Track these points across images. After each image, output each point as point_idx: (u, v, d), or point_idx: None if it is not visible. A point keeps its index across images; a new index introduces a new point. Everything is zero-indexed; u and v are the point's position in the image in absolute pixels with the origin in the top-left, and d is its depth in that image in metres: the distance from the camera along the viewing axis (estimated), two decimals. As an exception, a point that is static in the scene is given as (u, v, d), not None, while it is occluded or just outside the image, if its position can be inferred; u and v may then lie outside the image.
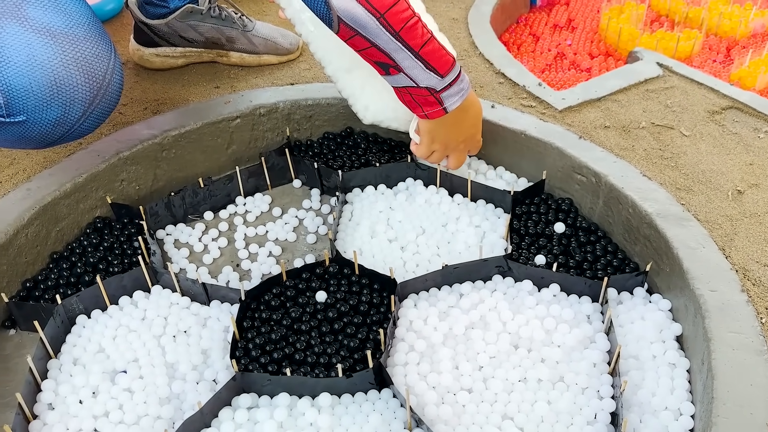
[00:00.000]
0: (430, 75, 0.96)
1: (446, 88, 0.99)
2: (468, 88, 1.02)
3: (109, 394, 0.92)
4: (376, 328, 0.98)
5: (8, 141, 0.93)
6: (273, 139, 1.36)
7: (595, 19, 1.85)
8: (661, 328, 0.96)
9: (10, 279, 1.05)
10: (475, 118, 1.11)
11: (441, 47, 0.95)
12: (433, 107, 1.01)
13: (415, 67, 0.95)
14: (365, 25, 0.89)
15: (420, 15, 0.93)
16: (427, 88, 0.97)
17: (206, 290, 1.04)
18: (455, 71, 0.99)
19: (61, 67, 0.85)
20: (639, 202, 1.04)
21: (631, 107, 1.26)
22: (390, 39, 0.91)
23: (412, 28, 0.91)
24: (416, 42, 0.92)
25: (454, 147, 1.12)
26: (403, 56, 0.93)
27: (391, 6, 0.89)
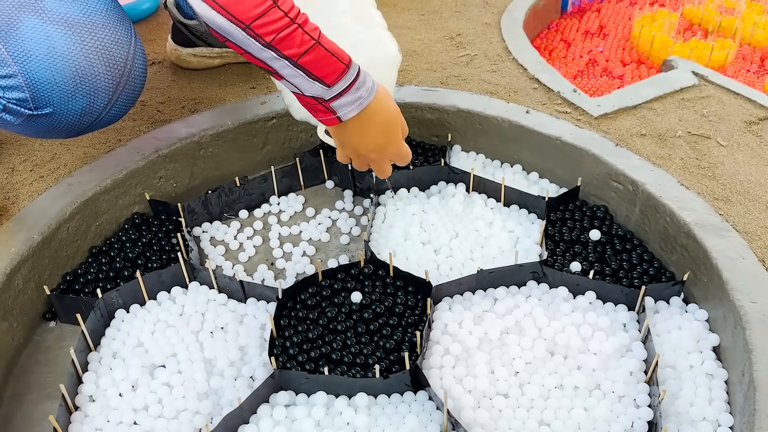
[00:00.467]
0: (314, 84, 0.87)
1: (336, 98, 0.89)
2: (369, 96, 0.91)
3: (148, 388, 0.93)
4: (412, 330, 0.98)
5: (40, 132, 0.94)
6: (307, 140, 1.37)
7: (626, 27, 1.85)
8: (698, 338, 0.96)
9: (51, 272, 1.07)
10: (385, 127, 0.97)
11: (327, 55, 0.85)
12: (325, 114, 0.91)
13: (296, 76, 0.86)
14: (231, 34, 0.82)
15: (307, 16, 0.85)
16: (312, 97, 0.88)
17: (243, 288, 1.05)
18: (347, 80, 0.88)
19: (81, 57, 0.86)
20: (677, 212, 1.03)
21: (666, 116, 1.26)
22: (261, 48, 0.83)
23: (287, 38, 0.82)
24: (293, 52, 0.83)
25: (365, 156, 1.00)
26: (281, 65, 0.85)
27: (258, 17, 0.80)
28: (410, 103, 1.33)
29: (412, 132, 1.36)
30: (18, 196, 1.12)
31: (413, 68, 1.44)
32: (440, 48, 1.53)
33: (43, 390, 0.97)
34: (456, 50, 1.52)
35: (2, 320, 0.97)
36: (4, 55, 0.83)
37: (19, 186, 1.14)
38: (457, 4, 1.74)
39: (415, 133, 1.36)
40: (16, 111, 0.87)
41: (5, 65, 0.84)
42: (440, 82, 1.39)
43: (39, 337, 1.04)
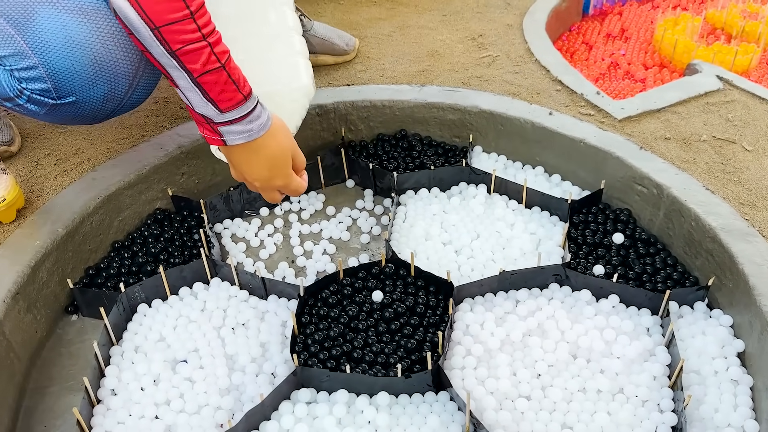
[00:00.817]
0: (207, 105, 0.84)
1: (225, 124, 0.86)
2: (260, 131, 0.88)
3: (170, 382, 0.93)
4: (433, 330, 0.98)
5: (65, 120, 0.95)
6: (327, 139, 1.37)
7: (648, 30, 1.84)
8: (723, 344, 0.95)
9: (75, 266, 1.08)
10: (271, 162, 0.92)
11: (228, 81, 0.83)
12: (209, 133, 0.89)
13: (191, 90, 0.83)
14: (138, 30, 0.79)
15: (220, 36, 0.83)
16: (202, 115, 0.86)
17: (265, 284, 1.05)
18: (241, 110, 0.86)
19: (99, 44, 0.86)
20: (702, 216, 1.02)
21: (691, 119, 1.25)
22: (164, 53, 0.80)
23: (194, 52, 0.80)
24: (195, 67, 0.81)
25: (251, 183, 0.96)
26: (179, 75, 0.82)
27: (172, 22, 0.78)
28: (432, 103, 1.33)
29: (433, 132, 1.36)
30: (42, 189, 1.12)
31: (435, 68, 1.44)
32: (462, 49, 1.53)
33: (65, 382, 0.97)
34: (478, 51, 1.51)
35: (27, 312, 0.98)
36: (23, 47, 0.84)
37: (44, 180, 1.15)
38: (479, 5, 1.73)
39: (437, 133, 1.36)
40: (40, 101, 0.88)
41: (26, 57, 0.84)
42: (462, 83, 1.39)
43: (61, 330, 1.05)
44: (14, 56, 0.85)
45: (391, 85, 1.38)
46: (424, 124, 1.36)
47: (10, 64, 0.85)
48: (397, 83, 1.40)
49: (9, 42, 0.84)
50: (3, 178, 1.03)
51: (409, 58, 1.49)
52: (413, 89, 1.37)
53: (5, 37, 0.83)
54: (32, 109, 0.90)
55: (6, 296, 0.93)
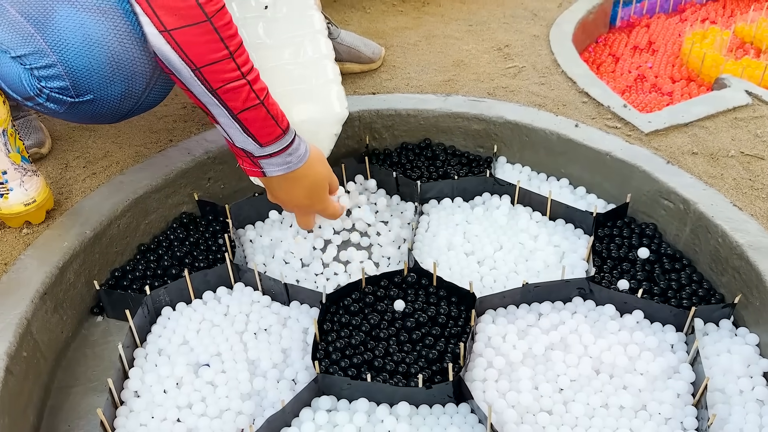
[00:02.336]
0: (247, 139, 0.89)
1: (265, 157, 0.92)
2: (299, 163, 0.94)
3: (192, 386, 0.94)
4: (454, 341, 0.98)
5: (84, 118, 0.96)
6: (352, 147, 1.38)
7: (676, 43, 1.82)
8: (749, 363, 0.93)
9: (101, 268, 1.09)
10: (309, 191, 0.99)
11: (267, 116, 0.88)
12: (249, 165, 0.94)
13: (232, 127, 0.88)
14: (180, 71, 0.83)
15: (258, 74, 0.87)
16: (243, 149, 0.91)
17: (287, 290, 1.06)
18: (280, 144, 0.91)
19: (116, 43, 0.86)
20: (729, 233, 1.01)
21: (719, 135, 1.23)
22: (205, 92, 0.85)
23: (234, 91, 0.85)
24: (235, 105, 0.86)
25: (289, 208, 1.03)
26: (220, 113, 0.87)
27: (212, 63, 0.82)
28: (456, 113, 1.33)
29: (457, 141, 1.36)
30: (71, 191, 1.14)
31: (460, 78, 1.44)
32: (488, 59, 1.53)
33: (89, 383, 0.99)
34: (504, 61, 1.51)
35: (54, 313, 0.99)
36: (42, 46, 0.85)
37: (72, 182, 1.17)
38: (506, 16, 1.73)
39: (461, 143, 1.36)
40: (59, 99, 0.89)
41: (45, 55, 0.86)
42: (487, 93, 1.39)
43: (87, 331, 1.06)
44: (34, 54, 0.86)
45: (417, 94, 1.39)
46: (448, 134, 1.36)
47: (30, 63, 0.86)
48: (423, 92, 1.40)
49: (29, 40, 0.85)
50: (34, 180, 1.04)
51: (434, 68, 1.49)
52: (438, 98, 1.37)
53: (25, 36, 0.85)
54: (52, 107, 0.91)
55: (34, 296, 0.95)
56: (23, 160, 1.02)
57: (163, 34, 0.81)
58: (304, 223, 1.06)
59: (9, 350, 0.87)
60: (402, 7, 1.82)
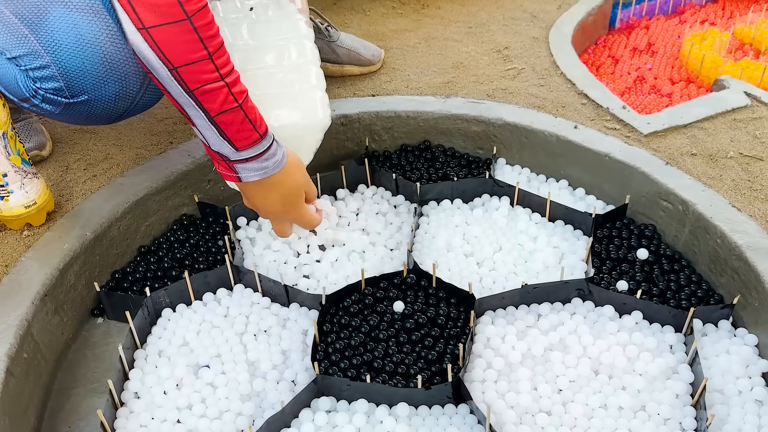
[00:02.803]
0: (223, 143, 0.87)
1: (241, 162, 0.90)
2: (275, 168, 0.92)
3: (192, 387, 0.94)
4: (454, 342, 0.98)
5: (80, 119, 0.96)
6: (351, 149, 1.38)
7: (675, 45, 1.83)
8: (748, 364, 0.94)
9: (101, 269, 1.10)
10: (285, 198, 0.97)
11: (245, 120, 0.86)
12: (225, 170, 0.92)
13: (208, 129, 0.86)
14: (156, 70, 0.81)
15: (238, 76, 0.85)
16: (218, 153, 0.89)
17: (287, 292, 1.06)
18: (257, 149, 0.89)
19: (108, 43, 0.87)
20: (728, 234, 1.02)
21: (718, 136, 1.24)
22: (182, 93, 0.83)
23: (211, 93, 0.83)
24: (212, 107, 0.84)
25: (263, 214, 1.01)
26: (196, 114, 0.85)
27: (190, 63, 0.80)
28: (456, 114, 1.34)
29: (457, 143, 1.36)
30: (72, 193, 1.15)
31: (460, 80, 1.45)
32: (487, 61, 1.53)
33: (89, 384, 0.99)
34: (503, 63, 1.52)
35: (54, 314, 0.99)
36: (36, 47, 0.85)
37: (73, 184, 1.17)
38: (505, 18, 1.74)
39: (460, 144, 1.36)
40: (54, 100, 0.90)
41: (39, 56, 0.86)
42: (487, 95, 1.39)
43: (87, 333, 1.07)
44: (28, 56, 0.86)
45: (416, 96, 1.39)
46: (448, 136, 1.36)
47: (25, 64, 0.87)
48: (422, 94, 1.40)
49: (23, 42, 0.85)
50: (34, 182, 1.05)
51: (434, 70, 1.50)
52: (438, 100, 1.37)
53: (20, 37, 0.85)
54: (47, 108, 0.92)
55: (35, 298, 0.95)
56: (23, 163, 1.02)
57: (141, 31, 0.79)
58: (279, 231, 1.03)
59: (10, 352, 0.87)
60: (401, 10, 1.82)
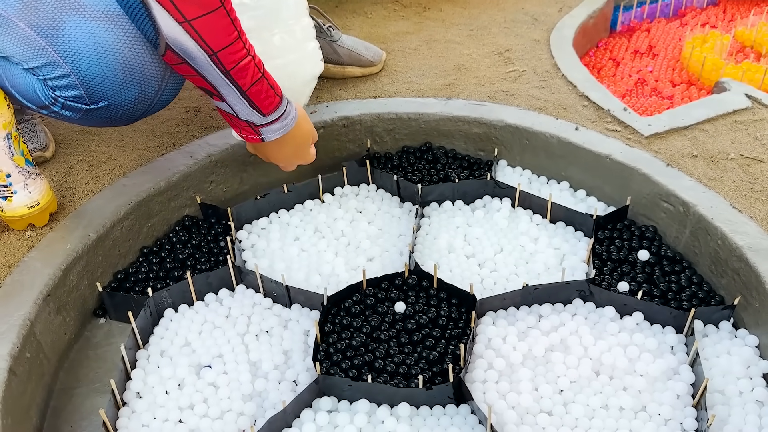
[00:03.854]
0: (252, 112, 0.96)
1: (267, 125, 0.99)
2: (292, 123, 1.02)
3: (194, 387, 0.95)
4: (455, 342, 0.98)
5: (99, 123, 0.98)
6: (353, 150, 1.39)
7: (676, 47, 1.83)
8: (749, 364, 0.94)
9: (104, 270, 1.10)
10: (298, 147, 1.09)
11: (268, 88, 0.95)
12: (249, 134, 1.01)
13: (239, 103, 0.94)
14: (195, 58, 0.87)
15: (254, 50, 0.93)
16: (246, 121, 0.97)
17: (289, 292, 1.06)
18: (280, 111, 0.99)
19: (127, 48, 0.88)
20: (729, 235, 1.02)
21: (719, 138, 1.24)
22: (219, 75, 0.90)
23: (244, 69, 0.91)
24: (245, 82, 0.92)
25: (275, 161, 1.11)
26: (229, 91, 0.92)
27: (227, 46, 0.87)
28: (457, 116, 1.34)
29: (458, 145, 1.36)
30: (74, 194, 1.15)
31: (461, 82, 1.45)
32: (488, 63, 1.54)
33: (91, 384, 0.99)
34: (504, 66, 1.52)
35: (57, 314, 1.00)
36: (54, 57, 0.86)
37: (76, 185, 1.17)
38: (506, 21, 1.74)
39: (462, 146, 1.37)
40: (75, 107, 0.91)
41: (58, 66, 0.87)
42: (488, 97, 1.39)
43: (89, 333, 1.07)
44: (47, 66, 0.87)
45: (418, 98, 1.40)
46: (449, 137, 1.37)
47: (44, 74, 0.88)
48: (424, 96, 1.41)
49: (41, 53, 0.86)
50: (38, 183, 1.05)
51: (435, 72, 1.50)
52: (439, 102, 1.38)
53: (37, 49, 0.86)
54: (67, 115, 0.93)
55: (38, 298, 0.95)
56: (27, 164, 1.03)
57: (183, 24, 0.84)
58: (286, 168, 1.14)
59: (12, 351, 0.88)
60: (403, 12, 1.83)
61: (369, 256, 1.18)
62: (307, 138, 1.10)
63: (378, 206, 1.28)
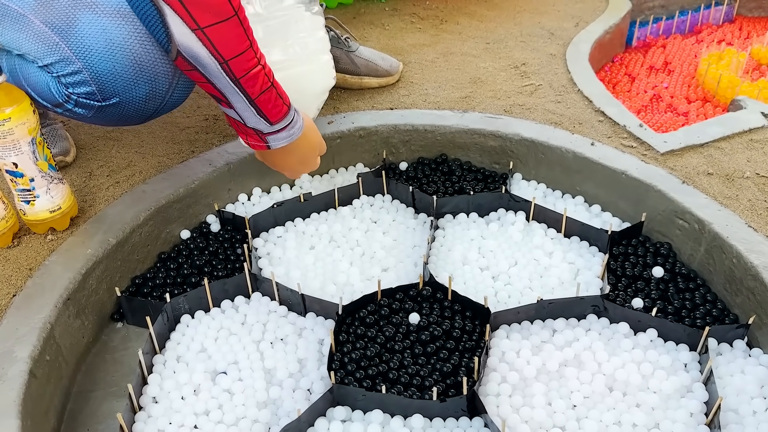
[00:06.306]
0: (260, 120, 0.97)
1: (274, 133, 1.00)
2: (299, 132, 1.03)
3: (210, 393, 0.96)
4: (469, 355, 0.99)
5: (112, 121, 0.99)
6: (369, 161, 1.40)
7: (692, 64, 1.84)
8: (763, 384, 0.94)
9: (122, 275, 1.11)
10: (303, 156, 1.10)
11: (277, 97, 0.96)
12: (256, 141, 1.02)
13: (247, 110, 0.95)
14: (206, 66, 0.88)
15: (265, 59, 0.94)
16: (254, 128, 0.99)
17: (304, 301, 1.07)
18: (287, 120, 1.00)
19: (138, 45, 0.89)
20: (744, 254, 1.02)
21: (734, 156, 1.24)
22: (228, 83, 0.91)
23: (254, 77, 0.91)
24: (254, 90, 0.92)
25: (280, 170, 1.13)
26: (238, 99, 0.93)
27: (238, 54, 0.88)
28: (473, 129, 1.35)
29: (474, 158, 1.37)
30: (95, 199, 1.17)
31: (477, 95, 1.46)
32: (505, 76, 1.55)
33: (108, 388, 1.00)
34: (520, 79, 1.53)
35: (75, 318, 1.01)
36: (67, 53, 0.88)
37: (96, 190, 1.19)
38: (523, 35, 1.75)
39: (477, 159, 1.38)
40: (87, 104, 0.92)
41: (70, 63, 0.88)
42: (504, 110, 1.40)
43: (106, 337, 1.08)
44: (60, 63, 0.89)
45: (434, 110, 1.41)
46: (464, 150, 1.38)
47: (57, 71, 0.89)
48: (440, 108, 1.42)
49: (54, 49, 0.88)
50: (60, 188, 1.07)
51: (452, 84, 1.51)
52: (455, 115, 1.39)
53: (51, 45, 0.88)
54: (80, 112, 0.94)
55: (58, 301, 0.97)
56: (50, 168, 1.05)
57: (197, 32, 0.84)
58: (291, 177, 1.16)
59: (33, 353, 0.89)
60: (420, 25, 1.84)
61: (384, 267, 1.18)
62: (314, 148, 1.11)
63: (393, 217, 1.29)
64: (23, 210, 1.06)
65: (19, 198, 1.05)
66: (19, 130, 0.96)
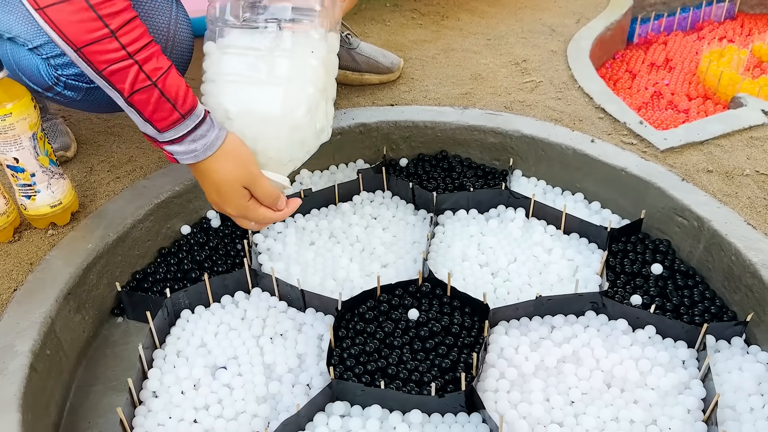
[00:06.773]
0: (146, 124, 0.85)
1: (168, 143, 0.87)
2: (206, 151, 0.87)
3: (209, 388, 0.96)
4: (467, 351, 0.99)
5: (102, 105, 0.97)
6: (369, 157, 1.40)
7: (693, 61, 1.83)
8: (760, 381, 0.94)
9: (123, 270, 1.12)
10: (217, 188, 0.91)
11: (161, 99, 0.83)
12: (163, 150, 0.90)
13: (129, 111, 0.84)
14: (65, 51, 0.80)
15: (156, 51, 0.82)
16: (145, 134, 0.87)
17: (303, 296, 1.08)
18: (179, 130, 0.85)
19: None
20: (743, 251, 1.02)
21: (734, 153, 1.24)
22: (94, 74, 0.81)
23: (119, 72, 0.80)
24: (123, 87, 0.81)
25: (211, 202, 0.97)
26: (114, 95, 0.83)
27: (92, 42, 0.78)
28: (473, 125, 1.35)
29: (474, 154, 1.37)
30: (95, 194, 1.17)
31: (478, 92, 1.46)
32: (505, 73, 1.55)
33: (108, 382, 1.01)
34: (521, 76, 1.53)
35: (76, 313, 1.02)
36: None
37: (97, 185, 1.19)
38: (524, 31, 1.75)
39: (477, 155, 1.38)
40: (75, 86, 0.92)
41: None
42: (504, 107, 1.40)
43: (107, 332, 1.09)
44: (49, 44, 0.89)
45: (434, 107, 1.41)
46: (465, 146, 1.38)
47: (46, 52, 0.89)
48: (440, 105, 1.42)
49: (43, 31, 0.87)
50: (61, 183, 1.07)
51: (452, 81, 1.51)
52: (455, 111, 1.39)
53: (39, 27, 0.87)
54: (70, 95, 0.93)
55: (59, 296, 0.97)
56: (51, 163, 1.05)
57: (39, 12, 0.77)
58: (239, 223, 0.99)
59: (34, 348, 0.89)
60: (421, 21, 1.84)
61: (383, 263, 1.19)
62: (232, 184, 0.90)
63: (393, 213, 1.29)
64: (24, 205, 1.06)
65: (20, 193, 1.05)
66: (20, 125, 0.97)
